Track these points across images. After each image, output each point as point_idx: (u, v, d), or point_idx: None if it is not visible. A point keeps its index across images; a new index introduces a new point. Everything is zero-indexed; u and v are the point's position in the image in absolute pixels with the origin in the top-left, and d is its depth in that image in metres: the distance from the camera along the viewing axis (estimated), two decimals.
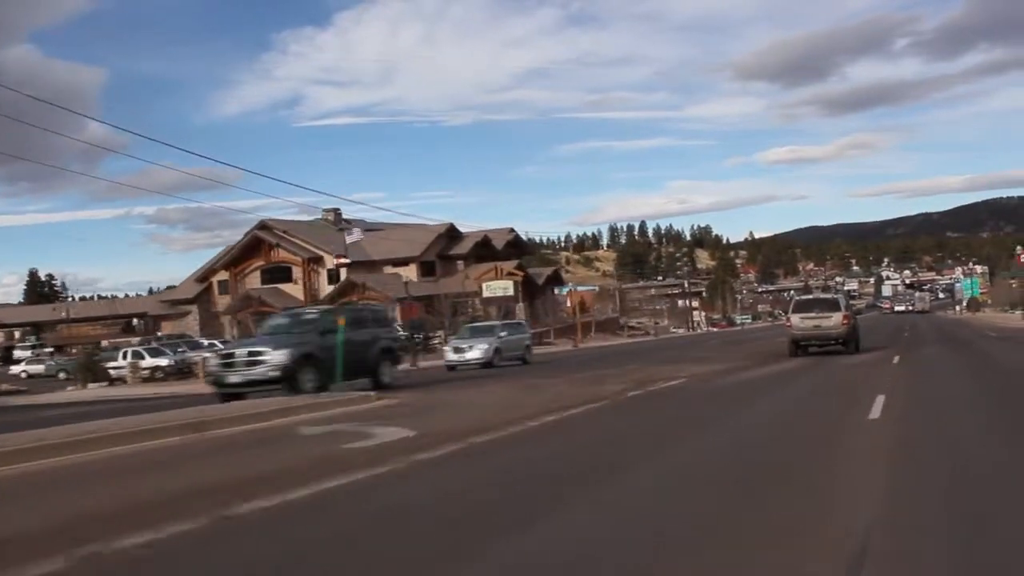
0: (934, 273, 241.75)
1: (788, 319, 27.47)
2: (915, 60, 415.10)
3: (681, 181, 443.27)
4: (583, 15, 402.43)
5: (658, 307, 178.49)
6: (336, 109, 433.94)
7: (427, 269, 75.69)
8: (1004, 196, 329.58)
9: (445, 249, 76.89)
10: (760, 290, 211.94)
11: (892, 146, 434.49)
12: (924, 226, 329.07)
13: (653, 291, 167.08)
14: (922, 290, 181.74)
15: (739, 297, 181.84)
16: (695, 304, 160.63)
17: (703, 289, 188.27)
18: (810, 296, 35.63)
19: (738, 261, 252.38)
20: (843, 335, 25.97)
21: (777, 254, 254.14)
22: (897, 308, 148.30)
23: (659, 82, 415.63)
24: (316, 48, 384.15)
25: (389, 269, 74.86)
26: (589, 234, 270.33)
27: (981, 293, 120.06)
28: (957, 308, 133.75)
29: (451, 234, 77.90)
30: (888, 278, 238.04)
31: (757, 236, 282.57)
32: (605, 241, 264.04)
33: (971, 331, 46.15)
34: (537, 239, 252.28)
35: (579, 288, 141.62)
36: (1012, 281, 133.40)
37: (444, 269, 76.62)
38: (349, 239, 55.54)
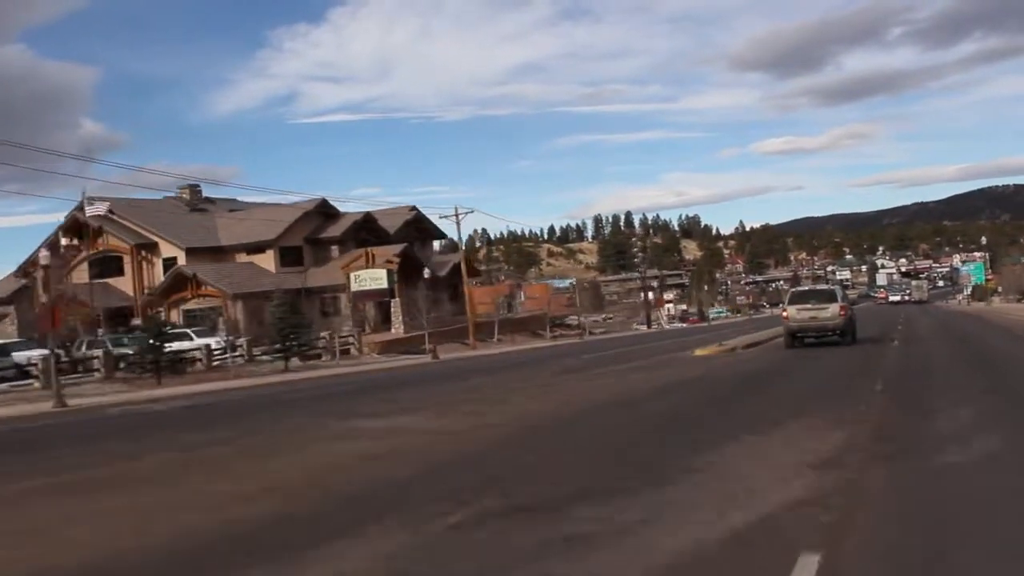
0: (931, 261, 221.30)
1: (784, 310, 26.33)
2: (910, 49, 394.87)
3: (676, 173, 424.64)
4: (576, 9, 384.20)
5: (636, 300, 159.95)
6: (332, 106, 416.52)
7: (294, 256, 57.32)
8: (1000, 184, 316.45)
9: (317, 231, 58.43)
10: (745, 281, 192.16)
11: (887, 136, 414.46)
12: (920, 215, 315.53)
13: (623, 284, 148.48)
14: (919, 278, 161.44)
15: (723, 288, 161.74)
16: (669, 297, 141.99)
17: (685, 281, 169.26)
18: (806, 287, 34.49)
19: (727, 251, 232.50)
20: (840, 326, 25.01)
21: (768, 243, 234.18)
22: (892, 298, 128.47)
23: (653, 74, 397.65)
24: (311, 44, 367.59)
25: (243, 257, 56.59)
26: (573, 225, 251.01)
27: (987, 280, 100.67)
28: (959, 297, 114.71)
29: (326, 213, 59.43)
30: (883, 266, 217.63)
31: (751, 226, 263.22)
32: (590, 232, 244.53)
33: (1004, 336, 27.37)
34: (517, 231, 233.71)
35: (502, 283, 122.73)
36: (1015, 266, 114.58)
37: (316, 256, 58.22)
38: (90, 212, 37.58)
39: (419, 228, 65.05)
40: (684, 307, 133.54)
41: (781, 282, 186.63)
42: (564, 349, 40.76)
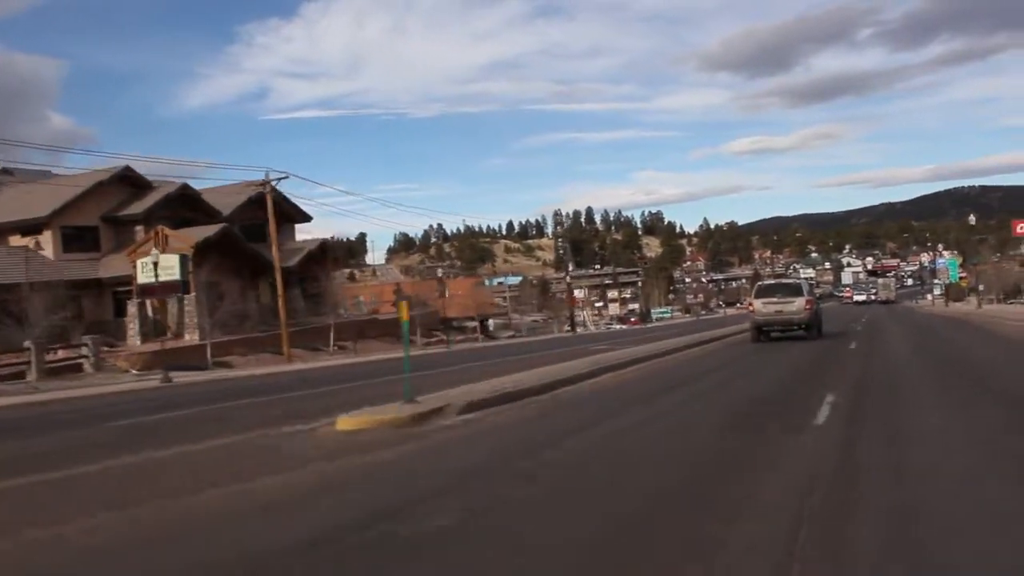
0: (898, 260, 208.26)
1: (751, 304, 25.93)
2: (879, 50, 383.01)
3: (648, 172, 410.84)
4: (550, 6, 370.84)
5: (591, 299, 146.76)
6: (304, 101, 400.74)
7: (87, 239, 43.12)
8: (966, 185, 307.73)
9: (119, 208, 44.10)
10: (706, 279, 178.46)
11: (856, 137, 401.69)
12: (887, 215, 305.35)
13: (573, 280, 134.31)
14: (886, 276, 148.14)
15: (674, 287, 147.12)
16: (623, 296, 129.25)
17: (639, 279, 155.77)
18: (773, 281, 33.97)
19: (690, 249, 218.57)
20: (805, 320, 23.87)
21: (732, 240, 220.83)
22: (857, 298, 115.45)
23: (626, 73, 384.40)
24: (283, 40, 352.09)
25: (18, 239, 42.26)
26: (533, 221, 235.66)
27: (961, 278, 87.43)
28: (929, 296, 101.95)
29: (134, 184, 45.11)
30: (849, 264, 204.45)
31: (715, 224, 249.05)
32: (550, 229, 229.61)
33: None
34: (475, 227, 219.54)
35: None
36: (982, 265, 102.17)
37: (120, 239, 43.95)
38: None
39: (273, 208, 50.88)
40: (636, 306, 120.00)
41: (743, 280, 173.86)
42: (335, 372, 26.65)
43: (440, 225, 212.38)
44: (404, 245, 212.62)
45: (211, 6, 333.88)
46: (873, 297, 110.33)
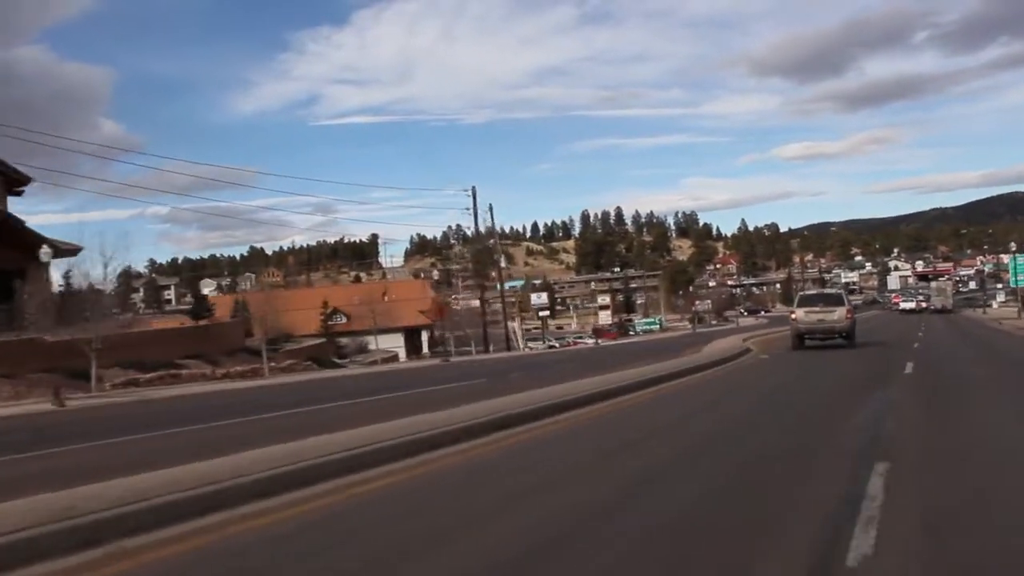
0: (953, 263, 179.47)
1: (793, 313, 25.04)
2: (934, 54, 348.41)
3: (696, 178, 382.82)
4: (598, 13, 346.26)
5: (595, 304, 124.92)
6: (354, 108, 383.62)
7: None
8: (1021, 190, 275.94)
9: None
10: (731, 283, 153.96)
11: (909, 141, 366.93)
12: (938, 220, 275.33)
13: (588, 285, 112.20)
14: (940, 280, 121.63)
15: (681, 294, 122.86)
16: (605, 301, 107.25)
17: (656, 283, 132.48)
18: (815, 291, 33.59)
19: (725, 251, 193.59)
20: (846, 329, 23.66)
21: (771, 244, 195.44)
22: (904, 305, 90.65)
23: (674, 79, 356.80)
24: (333, 47, 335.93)
25: None
26: (559, 222, 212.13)
27: None
28: (994, 304, 77.63)
29: None
30: (897, 268, 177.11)
31: (761, 227, 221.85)
32: (577, 230, 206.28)
33: None
34: (499, 228, 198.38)
35: None
36: None
37: None
38: None
39: None
40: (648, 315, 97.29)
41: (776, 285, 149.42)
42: None
43: (459, 226, 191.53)
44: (420, 247, 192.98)
45: (263, 15, 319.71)
46: (924, 305, 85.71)
